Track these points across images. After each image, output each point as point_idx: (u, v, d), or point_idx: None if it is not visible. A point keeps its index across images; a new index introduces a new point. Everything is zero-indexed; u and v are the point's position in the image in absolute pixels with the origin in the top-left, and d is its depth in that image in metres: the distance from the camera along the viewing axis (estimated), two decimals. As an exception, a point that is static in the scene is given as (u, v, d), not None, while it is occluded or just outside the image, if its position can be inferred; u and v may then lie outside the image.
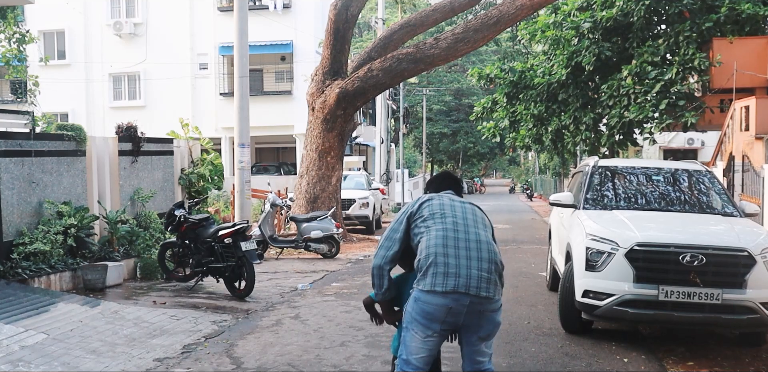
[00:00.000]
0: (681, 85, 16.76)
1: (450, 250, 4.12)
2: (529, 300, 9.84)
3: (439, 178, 4.83)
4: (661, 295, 6.72)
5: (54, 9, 32.07)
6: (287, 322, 8.37)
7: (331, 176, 17.28)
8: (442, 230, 4.18)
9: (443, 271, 4.05)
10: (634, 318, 6.99)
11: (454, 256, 4.10)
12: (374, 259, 4.38)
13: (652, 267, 6.86)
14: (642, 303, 6.84)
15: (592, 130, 19.44)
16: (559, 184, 45.69)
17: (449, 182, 4.74)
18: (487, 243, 4.21)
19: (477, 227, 4.29)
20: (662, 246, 6.85)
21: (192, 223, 10.43)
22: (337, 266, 13.39)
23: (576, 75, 19.12)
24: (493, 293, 4.11)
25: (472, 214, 4.38)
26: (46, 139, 10.60)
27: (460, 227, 4.22)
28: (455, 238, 4.16)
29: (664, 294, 6.71)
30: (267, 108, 30.29)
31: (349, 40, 17.81)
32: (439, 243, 4.13)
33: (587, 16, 18.42)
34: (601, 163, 9.12)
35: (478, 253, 4.14)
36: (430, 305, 4.05)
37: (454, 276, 4.04)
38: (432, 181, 4.82)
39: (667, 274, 6.78)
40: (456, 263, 4.07)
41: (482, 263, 4.12)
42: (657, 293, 6.74)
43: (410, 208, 4.40)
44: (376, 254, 4.39)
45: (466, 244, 4.16)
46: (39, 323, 7.44)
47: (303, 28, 30.75)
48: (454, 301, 4.04)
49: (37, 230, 9.89)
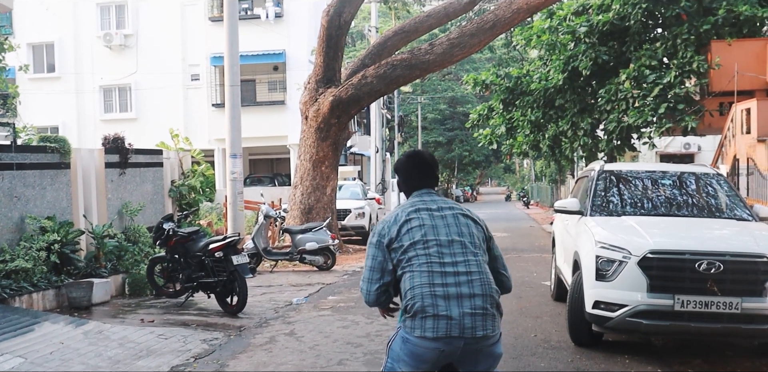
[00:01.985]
0: (680, 88, 16.44)
1: (438, 289, 3.53)
2: (534, 311, 9.44)
3: (410, 168, 3.95)
4: (677, 305, 6.34)
5: (43, 21, 31.78)
6: (282, 339, 7.96)
7: (325, 186, 16.89)
8: (427, 265, 3.58)
9: (433, 314, 3.49)
10: (648, 330, 6.58)
11: (443, 297, 3.51)
12: (363, 295, 3.82)
13: (666, 275, 6.47)
14: (657, 314, 6.45)
15: (590, 136, 19.14)
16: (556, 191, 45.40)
17: (424, 172, 3.93)
18: (479, 273, 3.60)
19: (466, 252, 3.65)
20: (677, 253, 6.47)
21: (181, 237, 10.02)
22: (334, 279, 12.98)
23: (573, 80, 18.83)
24: (491, 329, 3.55)
25: (457, 231, 3.70)
26: (28, 151, 10.22)
27: (446, 258, 3.60)
28: (442, 273, 3.56)
29: (680, 304, 6.33)
30: (260, 118, 29.93)
31: (342, 47, 17.47)
32: (425, 282, 3.55)
33: (583, 20, 18.15)
34: (607, 168, 8.75)
35: (470, 288, 3.55)
36: (419, 348, 3.54)
37: (446, 318, 3.47)
38: (402, 169, 3.97)
39: (682, 282, 6.40)
40: (446, 305, 3.49)
41: (475, 300, 3.53)
42: (672, 303, 6.35)
43: (387, 232, 3.73)
44: (365, 290, 3.79)
45: (456, 279, 3.55)
46: (16, 346, 7.01)
47: (296, 37, 30.43)
48: (446, 345, 3.52)
49: (19, 247, 9.48)
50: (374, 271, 3.74)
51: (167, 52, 31.45)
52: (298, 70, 29.50)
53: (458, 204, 3.94)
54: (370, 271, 3.76)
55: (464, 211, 3.84)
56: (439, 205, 3.81)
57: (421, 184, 3.92)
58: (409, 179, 3.95)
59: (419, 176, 3.93)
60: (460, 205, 3.95)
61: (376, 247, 3.74)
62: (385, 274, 3.72)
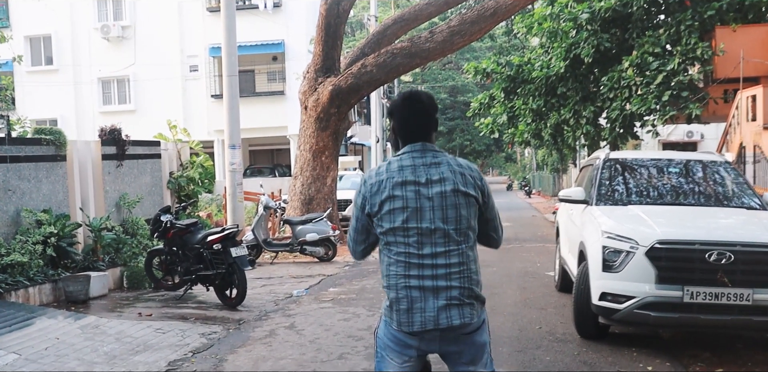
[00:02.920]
0: (683, 75, 16.22)
1: (413, 281, 3.32)
2: (539, 302, 9.28)
3: (406, 112, 3.50)
4: (686, 296, 6.17)
5: (40, 14, 31.55)
6: (281, 332, 7.81)
7: (326, 177, 16.71)
8: (405, 255, 3.34)
9: (406, 307, 3.31)
10: (656, 322, 6.41)
11: (418, 288, 3.31)
12: (351, 251, 3.69)
13: (675, 266, 6.29)
14: (665, 305, 6.27)
15: (592, 124, 18.95)
16: (558, 181, 45.19)
17: (422, 119, 3.48)
18: (459, 264, 3.32)
19: (449, 241, 3.34)
20: (686, 243, 6.29)
21: (179, 229, 9.86)
22: (334, 270, 12.83)
23: (575, 68, 18.61)
24: (469, 317, 3.32)
25: (442, 216, 3.34)
26: (23, 143, 10.04)
27: (425, 249, 3.32)
28: (419, 265, 3.32)
29: (690, 295, 6.16)
30: (260, 109, 29.75)
31: (341, 36, 17.24)
32: (401, 273, 3.34)
33: (585, 6, 17.90)
34: (613, 156, 8.56)
35: (447, 281, 3.31)
36: (400, 333, 3.42)
37: (420, 311, 3.28)
38: (398, 114, 3.51)
39: (692, 273, 6.22)
40: (421, 296, 3.30)
41: (452, 292, 3.31)
42: (681, 295, 6.18)
43: (368, 201, 3.43)
44: (352, 248, 3.65)
45: (433, 271, 3.31)
46: (11, 342, 6.86)
47: (294, 27, 30.20)
48: (423, 338, 3.39)
49: (15, 240, 9.32)
50: (359, 232, 3.55)
51: (165, 43, 31.24)
52: (297, 60, 29.29)
53: (453, 165, 3.40)
54: (355, 232, 3.56)
55: (455, 186, 3.35)
56: (430, 175, 3.36)
57: (417, 133, 3.46)
58: (404, 127, 3.48)
59: (416, 123, 3.47)
60: (454, 167, 3.40)
61: (360, 210, 3.50)
62: (370, 235, 3.53)
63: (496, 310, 8.70)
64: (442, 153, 3.43)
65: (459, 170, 3.38)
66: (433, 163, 3.37)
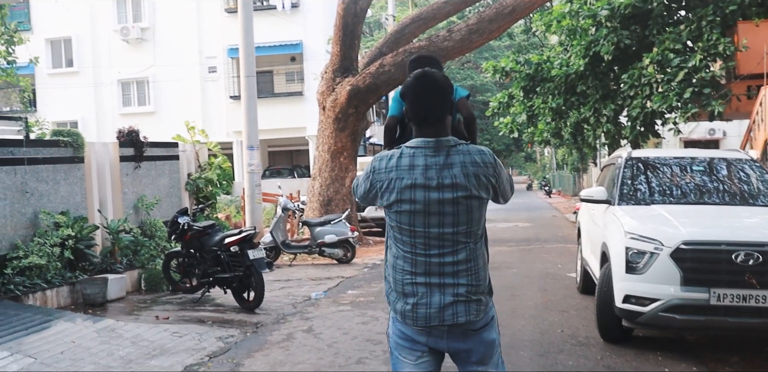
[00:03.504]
0: (705, 72, 15.96)
1: (419, 278, 3.22)
2: (560, 305, 9.13)
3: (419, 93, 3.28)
4: (713, 299, 6.01)
5: (60, 17, 31.74)
6: (299, 336, 7.72)
7: (344, 177, 16.63)
8: (411, 254, 3.23)
9: (412, 303, 3.21)
10: (682, 325, 6.25)
11: (424, 285, 3.21)
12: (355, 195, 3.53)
13: (701, 268, 6.13)
14: (691, 308, 6.12)
15: (612, 123, 18.74)
16: (579, 180, 44.89)
17: (436, 100, 3.25)
18: (467, 261, 3.21)
19: (457, 240, 3.21)
20: (712, 244, 6.13)
21: (196, 231, 9.78)
22: (353, 272, 12.73)
23: (594, 65, 18.38)
24: (475, 314, 3.22)
25: (453, 221, 3.18)
26: (41, 145, 10.01)
27: (433, 249, 3.19)
28: (426, 263, 3.21)
29: (716, 298, 6.00)
30: (278, 110, 29.75)
31: (359, 36, 17.17)
32: (407, 269, 3.24)
33: (604, 3, 17.67)
34: (635, 155, 8.40)
35: (454, 278, 3.21)
36: (407, 327, 3.32)
37: (425, 306, 3.19)
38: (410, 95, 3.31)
39: (718, 275, 6.06)
40: (427, 292, 3.20)
41: (458, 289, 3.20)
42: (708, 297, 6.02)
43: (377, 194, 3.29)
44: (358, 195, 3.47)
45: (440, 269, 3.21)
46: (27, 345, 6.81)
47: (312, 27, 30.16)
48: (430, 331, 3.28)
49: (32, 243, 9.28)
50: (365, 196, 3.39)
51: (184, 44, 31.34)
52: (315, 60, 29.24)
53: (467, 165, 3.18)
54: (363, 191, 3.40)
55: (469, 191, 3.16)
56: (442, 178, 3.15)
57: (431, 115, 3.24)
58: (417, 108, 3.27)
59: (429, 105, 3.25)
60: (469, 167, 3.17)
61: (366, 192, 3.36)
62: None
63: (517, 312, 8.57)
64: (455, 148, 3.20)
65: (473, 171, 3.19)
66: (447, 165, 3.18)
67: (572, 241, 15.59)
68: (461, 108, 3.67)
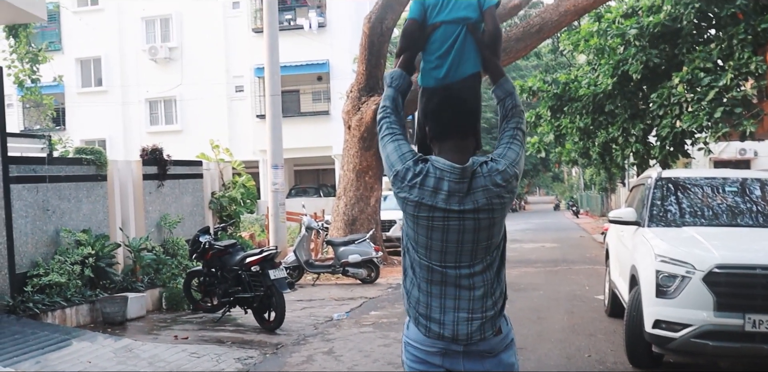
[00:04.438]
0: (737, 91, 15.71)
1: (434, 300, 3.07)
2: (587, 328, 8.89)
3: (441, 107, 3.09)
4: (748, 325, 5.77)
5: (90, 37, 32.08)
6: (319, 358, 7.55)
7: (369, 197, 16.51)
8: (427, 269, 3.06)
9: (425, 314, 3.07)
10: (715, 352, 6.01)
11: (438, 307, 3.06)
12: None
13: (735, 292, 5.91)
14: (725, 335, 5.88)
15: (641, 142, 18.49)
16: (606, 200, 44.46)
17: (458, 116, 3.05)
18: (482, 271, 3.04)
19: (474, 257, 3.05)
20: (747, 268, 5.90)
21: (218, 250, 9.67)
22: (377, 292, 12.55)
23: (623, 85, 18.18)
24: (490, 331, 3.06)
25: (473, 239, 3.02)
26: (63, 163, 10.02)
27: (449, 270, 3.03)
28: (442, 281, 3.05)
29: (752, 324, 5.76)
30: (304, 129, 29.80)
31: (385, 55, 17.11)
32: (423, 288, 3.09)
33: (633, 22, 17.50)
34: (665, 175, 8.19)
35: (470, 303, 3.04)
36: (420, 351, 3.15)
37: (437, 323, 3.04)
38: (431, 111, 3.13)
39: (753, 300, 5.83)
40: (440, 309, 3.05)
41: (474, 304, 3.06)
42: (743, 323, 5.79)
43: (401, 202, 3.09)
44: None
45: (456, 292, 3.05)
46: (42, 365, 6.70)
47: (339, 47, 30.20)
48: (446, 352, 3.10)
49: (53, 261, 9.24)
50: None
51: (211, 64, 31.53)
52: (341, 79, 29.27)
53: (490, 188, 2.99)
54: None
55: (491, 214, 3.01)
56: (464, 204, 2.97)
57: (451, 131, 3.05)
58: (438, 124, 3.07)
59: (450, 119, 3.04)
60: (492, 188, 2.99)
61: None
62: None
63: (543, 336, 8.34)
64: (478, 171, 3.01)
65: (496, 192, 3.01)
66: (470, 191, 3.00)
67: (600, 262, 15.31)
68: (487, 19, 3.26)
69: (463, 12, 3.19)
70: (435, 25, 3.21)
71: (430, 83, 3.26)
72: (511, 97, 3.22)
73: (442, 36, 3.20)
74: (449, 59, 3.19)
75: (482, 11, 3.23)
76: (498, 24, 3.28)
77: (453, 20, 3.18)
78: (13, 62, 11.80)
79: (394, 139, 3.15)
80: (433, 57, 3.23)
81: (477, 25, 3.20)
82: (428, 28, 3.24)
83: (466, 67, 3.21)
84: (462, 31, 3.18)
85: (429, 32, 3.24)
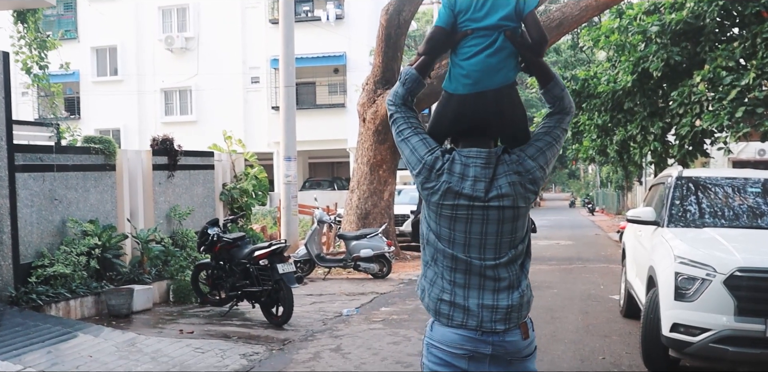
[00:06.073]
0: (759, 91, 15.39)
1: (458, 290, 2.95)
2: (602, 329, 8.68)
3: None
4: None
5: (106, 26, 32.00)
6: (326, 355, 7.38)
7: (383, 191, 16.33)
8: (452, 260, 2.95)
9: (449, 301, 2.94)
10: (735, 358, 5.79)
11: (462, 297, 2.94)
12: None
13: (757, 297, 5.68)
14: (745, 340, 5.66)
15: (660, 141, 18.20)
16: (623, 198, 44.11)
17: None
18: (507, 270, 2.93)
19: (500, 251, 2.95)
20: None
21: (226, 243, 9.51)
22: (388, 288, 12.37)
23: (643, 82, 17.87)
24: (515, 322, 2.95)
25: (497, 231, 2.92)
26: (71, 152, 9.86)
27: (474, 261, 2.92)
28: (466, 271, 2.94)
29: (774, 330, 5.55)
30: (320, 121, 29.64)
31: (402, 47, 16.88)
32: (447, 276, 2.97)
33: (655, 19, 17.19)
34: (686, 174, 7.95)
35: (495, 283, 2.93)
36: (445, 353, 2.96)
37: (462, 309, 2.92)
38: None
39: (776, 305, 5.61)
40: (464, 296, 2.93)
41: (499, 293, 2.94)
42: (764, 328, 5.57)
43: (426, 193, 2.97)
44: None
45: (481, 280, 2.94)
46: (42, 359, 6.56)
47: (356, 39, 29.99)
48: (472, 349, 2.95)
49: (59, 251, 9.10)
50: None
51: (228, 54, 31.38)
52: (358, 72, 29.05)
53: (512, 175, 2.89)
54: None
55: (515, 202, 2.90)
56: (489, 189, 2.87)
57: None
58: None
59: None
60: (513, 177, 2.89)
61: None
62: None
63: (556, 337, 8.15)
64: (503, 158, 2.92)
65: (518, 180, 2.91)
66: (496, 176, 2.90)
67: (615, 261, 15.07)
68: (530, 25, 2.92)
69: (500, 18, 2.86)
70: (466, 33, 2.92)
71: (459, 90, 2.99)
72: (561, 102, 3.02)
73: (475, 43, 2.89)
74: (483, 67, 2.87)
75: (523, 16, 2.94)
76: (542, 29, 2.96)
77: (488, 27, 2.87)
78: (20, 48, 11.66)
79: (416, 132, 3.07)
80: (465, 63, 2.92)
81: (515, 31, 2.88)
82: (458, 35, 2.95)
83: (501, 76, 2.90)
84: (498, 39, 2.86)
85: (459, 38, 2.96)
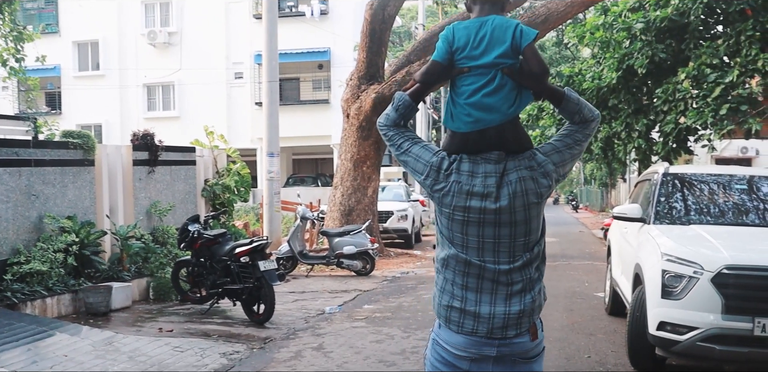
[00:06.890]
0: (743, 88, 15.38)
1: (470, 293, 2.87)
2: (587, 327, 8.60)
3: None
4: (757, 329, 5.47)
5: (88, 20, 31.68)
6: (308, 354, 7.26)
7: (367, 187, 16.20)
8: (465, 264, 2.86)
9: (460, 307, 2.86)
10: (722, 357, 5.71)
11: (474, 301, 2.86)
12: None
13: (745, 295, 5.60)
14: (733, 339, 5.58)
15: (644, 138, 18.17)
16: (607, 195, 44.21)
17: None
18: (521, 274, 2.85)
19: (513, 254, 2.86)
20: (758, 269, 5.60)
21: (206, 240, 9.36)
22: (372, 285, 12.26)
23: (627, 79, 17.83)
24: (526, 327, 2.87)
25: (510, 233, 2.83)
26: (49, 147, 9.66)
27: (488, 264, 2.84)
28: (479, 276, 2.86)
29: (761, 328, 5.46)
30: (304, 117, 29.46)
31: (386, 43, 16.77)
32: (458, 282, 2.89)
33: (639, 16, 17.14)
34: (672, 170, 7.88)
35: (507, 288, 2.85)
36: (449, 353, 2.90)
37: (472, 315, 2.84)
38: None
39: (764, 303, 5.52)
40: (476, 301, 2.85)
41: (512, 298, 2.85)
42: (752, 327, 5.49)
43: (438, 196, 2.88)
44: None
45: (493, 286, 2.85)
46: (14, 359, 6.39)
47: (341, 35, 29.81)
48: (476, 352, 2.86)
49: (35, 248, 8.91)
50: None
51: (211, 50, 31.14)
52: (342, 68, 28.86)
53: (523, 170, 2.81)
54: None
55: (526, 200, 2.82)
56: (499, 187, 2.80)
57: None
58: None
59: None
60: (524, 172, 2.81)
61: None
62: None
63: (540, 334, 8.05)
64: (513, 157, 2.84)
65: (529, 175, 2.83)
66: (506, 171, 2.82)
67: (600, 258, 15.04)
68: (530, 59, 2.81)
69: (497, 56, 2.78)
70: (463, 70, 2.84)
71: (461, 128, 2.86)
72: (580, 115, 2.92)
73: (472, 81, 2.81)
74: (482, 107, 2.78)
75: (521, 51, 2.82)
76: (542, 61, 2.82)
77: (485, 65, 2.79)
78: (-5, 41, 11.47)
79: (415, 142, 3.00)
80: (465, 103, 2.82)
81: (513, 67, 2.79)
82: (455, 71, 2.87)
83: (501, 114, 2.79)
84: (497, 77, 2.78)
85: (455, 75, 2.87)
